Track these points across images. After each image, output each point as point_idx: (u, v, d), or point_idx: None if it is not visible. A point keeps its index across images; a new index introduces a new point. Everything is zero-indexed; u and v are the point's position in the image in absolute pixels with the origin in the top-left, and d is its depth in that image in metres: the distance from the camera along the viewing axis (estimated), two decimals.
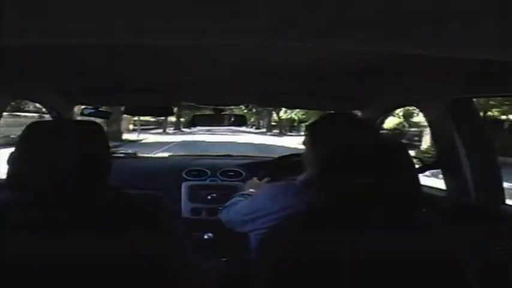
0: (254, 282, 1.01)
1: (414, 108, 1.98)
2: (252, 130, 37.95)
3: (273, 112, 30.31)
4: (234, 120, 2.42)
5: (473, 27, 0.60)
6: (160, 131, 30.35)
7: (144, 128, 27.58)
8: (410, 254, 0.92)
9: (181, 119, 31.50)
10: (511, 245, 1.27)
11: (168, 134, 27.68)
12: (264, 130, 37.23)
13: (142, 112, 2.42)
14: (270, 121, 36.70)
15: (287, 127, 33.61)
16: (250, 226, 1.25)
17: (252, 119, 40.64)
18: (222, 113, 2.37)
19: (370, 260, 0.89)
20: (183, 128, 33.96)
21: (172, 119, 33.38)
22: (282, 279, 0.91)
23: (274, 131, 35.05)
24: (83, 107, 2.13)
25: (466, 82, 1.22)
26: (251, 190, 1.60)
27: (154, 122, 32.43)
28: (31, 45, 1.06)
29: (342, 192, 0.93)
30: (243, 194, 1.54)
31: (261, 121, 41.19)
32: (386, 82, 1.61)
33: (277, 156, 2.42)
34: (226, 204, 1.52)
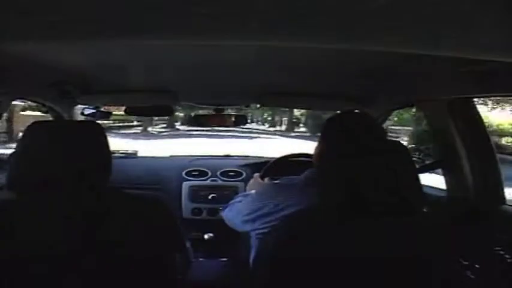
0: (254, 282, 1.01)
1: None
2: (266, 128, 29.56)
3: None
4: (234, 121, 2.42)
5: (474, 27, 0.60)
6: (138, 130, 19.61)
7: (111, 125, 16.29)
8: (411, 254, 0.92)
9: (178, 114, 22.00)
10: (511, 245, 1.27)
11: (150, 135, 17.26)
12: (283, 129, 28.02)
13: (143, 112, 2.41)
14: (291, 117, 27.29)
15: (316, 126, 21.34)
16: (251, 226, 1.25)
17: (265, 115, 33.52)
18: (223, 112, 2.37)
19: (370, 259, 0.89)
20: (180, 125, 24.27)
21: None
22: (282, 279, 0.91)
23: (297, 130, 26.13)
24: (83, 107, 2.13)
25: (466, 82, 1.22)
26: (253, 191, 1.61)
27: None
28: (31, 45, 1.06)
29: (343, 190, 0.93)
30: (246, 195, 1.55)
31: (276, 117, 32.56)
32: (386, 82, 1.61)
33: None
34: (228, 203, 1.52)
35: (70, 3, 0.54)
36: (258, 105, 2.51)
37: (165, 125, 24.17)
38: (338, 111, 1.48)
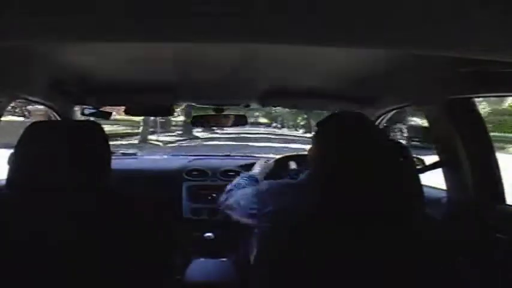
0: (254, 283, 1.01)
1: None
2: (301, 135, 24.44)
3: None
4: (235, 121, 2.43)
5: (474, 27, 0.60)
6: (136, 141, 14.00)
7: None
8: (411, 254, 0.92)
9: (181, 118, 17.60)
10: (511, 245, 1.27)
11: (150, 149, 11.84)
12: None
13: (143, 112, 2.41)
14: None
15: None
16: (257, 220, 1.24)
17: (299, 119, 28.83)
18: (223, 113, 2.37)
19: (370, 259, 0.89)
20: (202, 131, 18.49)
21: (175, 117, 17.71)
22: (282, 280, 0.91)
23: None
24: (83, 107, 2.13)
25: (466, 82, 1.22)
26: (257, 169, 1.62)
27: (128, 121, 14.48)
28: (31, 45, 1.06)
29: (343, 191, 0.93)
30: (246, 182, 1.52)
31: (312, 121, 24.71)
32: (386, 82, 1.61)
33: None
34: (227, 192, 1.49)
35: (70, 3, 0.54)
36: (290, 109, 2.48)
37: (180, 132, 17.75)
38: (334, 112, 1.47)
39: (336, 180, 0.93)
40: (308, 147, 1.17)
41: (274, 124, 34.37)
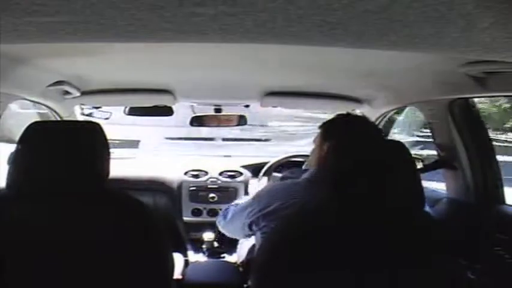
0: (254, 283, 1.01)
1: None
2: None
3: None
4: (235, 121, 2.43)
5: (474, 27, 0.60)
6: None
7: None
8: (411, 253, 0.92)
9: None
10: (510, 245, 1.27)
11: None
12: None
13: (143, 112, 2.41)
14: None
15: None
16: (256, 226, 1.24)
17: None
18: (223, 112, 2.38)
19: (369, 259, 0.89)
20: None
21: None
22: (283, 280, 0.91)
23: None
24: (83, 107, 2.13)
25: (466, 82, 1.22)
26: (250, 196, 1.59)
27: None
28: (31, 45, 1.06)
29: (344, 191, 0.93)
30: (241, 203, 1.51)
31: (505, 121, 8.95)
32: (386, 82, 1.61)
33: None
34: (221, 214, 1.48)
35: (70, 3, 0.54)
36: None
37: None
38: (336, 114, 1.48)
39: (341, 180, 0.93)
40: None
41: None
